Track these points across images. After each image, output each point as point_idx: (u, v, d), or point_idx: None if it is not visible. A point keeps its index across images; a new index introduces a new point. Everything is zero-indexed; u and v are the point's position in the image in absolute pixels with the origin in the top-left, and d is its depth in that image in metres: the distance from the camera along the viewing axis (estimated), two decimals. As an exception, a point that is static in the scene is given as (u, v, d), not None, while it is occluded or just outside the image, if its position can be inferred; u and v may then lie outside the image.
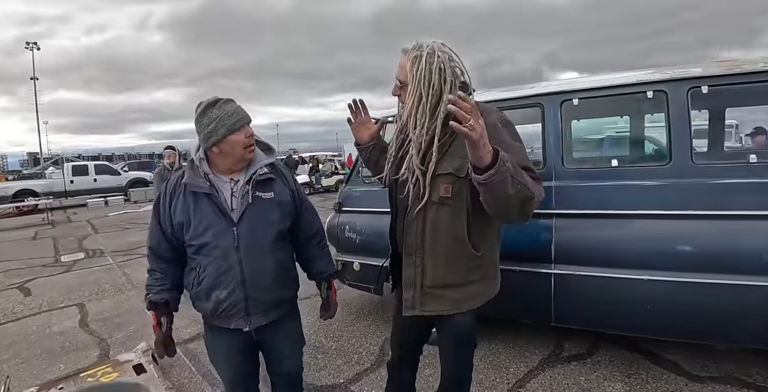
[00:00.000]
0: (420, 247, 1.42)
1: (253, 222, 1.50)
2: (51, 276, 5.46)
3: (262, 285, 1.51)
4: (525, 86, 2.47)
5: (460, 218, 1.37)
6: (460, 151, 1.30)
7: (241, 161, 1.51)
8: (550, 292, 2.28)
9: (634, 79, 2.20)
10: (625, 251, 2.12)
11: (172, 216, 1.51)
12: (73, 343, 3.28)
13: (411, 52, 1.34)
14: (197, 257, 1.50)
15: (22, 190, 14.70)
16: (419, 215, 1.40)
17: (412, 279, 1.44)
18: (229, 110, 1.45)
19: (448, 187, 1.34)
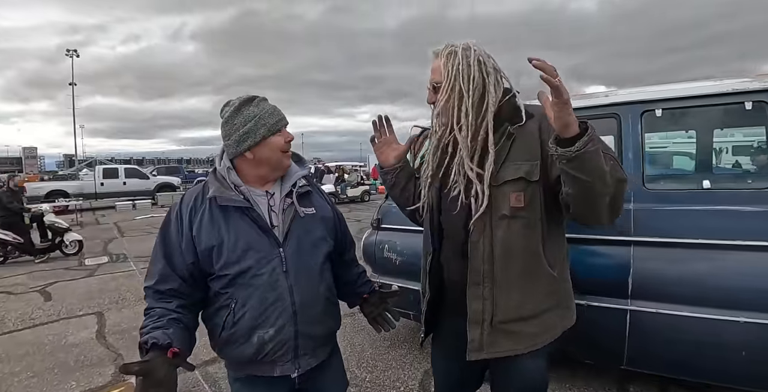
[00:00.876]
0: (489, 274, 1.19)
1: (301, 240, 1.26)
2: (73, 280, 5.38)
3: (313, 317, 1.25)
4: (598, 94, 2.19)
5: (534, 232, 1.18)
6: (523, 154, 1.18)
7: (277, 169, 1.28)
8: (624, 331, 1.97)
9: (728, 87, 1.90)
10: (718, 288, 1.80)
11: (195, 241, 1.20)
12: (88, 357, 3.10)
13: (444, 50, 1.20)
14: (230, 290, 1.20)
15: (54, 190, 15.02)
16: (485, 234, 1.18)
17: (479, 314, 1.20)
18: (269, 108, 1.24)
19: (519, 195, 1.16)
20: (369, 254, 2.80)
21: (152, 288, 1.20)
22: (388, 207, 2.86)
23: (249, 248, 1.19)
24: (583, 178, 0.98)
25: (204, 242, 1.19)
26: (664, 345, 1.91)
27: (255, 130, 1.20)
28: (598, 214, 1.07)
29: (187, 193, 1.30)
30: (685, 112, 2.04)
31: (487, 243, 1.18)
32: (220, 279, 1.21)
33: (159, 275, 1.20)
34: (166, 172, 21.10)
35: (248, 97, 1.24)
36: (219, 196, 1.20)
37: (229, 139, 1.23)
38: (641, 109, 2.02)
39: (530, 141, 1.17)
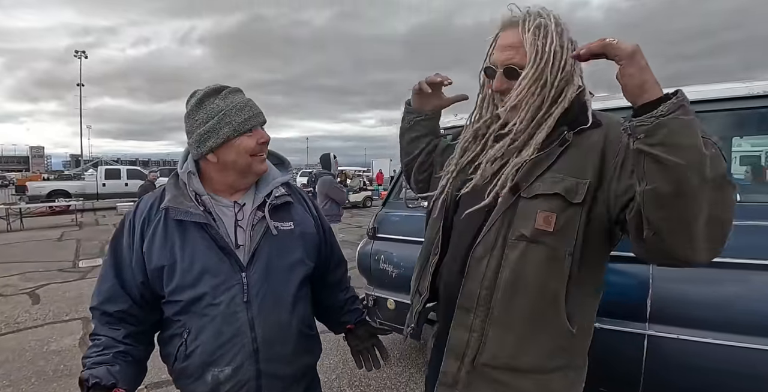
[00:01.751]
0: (485, 302, 0.94)
1: (270, 264, 1.06)
2: (64, 283, 5.25)
3: (281, 355, 1.06)
4: (615, 95, 2.03)
5: (559, 267, 0.90)
6: (572, 167, 0.91)
7: (246, 176, 1.08)
8: (641, 358, 1.79)
9: (759, 90, 1.76)
10: (746, 312, 1.62)
11: (145, 258, 1.02)
12: (68, 367, 2.96)
13: (529, 22, 0.92)
14: (183, 318, 1.03)
15: (55, 190, 14.98)
16: (493, 253, 0.94)
17: (462, 347, 0.96)
18: (238, 103, 1.03)
19: (550, 216, 0.89)
20: (364, 265, 2.63)
21: (99, 310, 1.04)
22: (386, 215, 2.70)
23: (205, 271, 1.01)
24: (671, 161, 0.67)
25: (154, 260, 1.02)
26: (685, 373, 1.73)
27: (217, 128, 1.00)
28: (690, 237, 0.72)
29: (143, 201, 1.11)
30: (711, 115, 1.88)
31: (493, 264, 0.94)
32: (171, 304, 1.04)
33: (107, 294, 1.04)
34: (168, 174, 21.05)
35: (215, 86, 1.05)
36: (173, 207, 1.01)
37: (190, 138, 1.04)
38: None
39: (587, 153, 0.92)
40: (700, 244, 0.73)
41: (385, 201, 2.81)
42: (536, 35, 0.91)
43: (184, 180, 1.06)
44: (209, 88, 1.04)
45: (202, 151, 1.03)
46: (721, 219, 0.72)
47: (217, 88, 1.04)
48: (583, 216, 0.90)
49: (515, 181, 0.94)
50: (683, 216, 0.70)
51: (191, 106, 1.03)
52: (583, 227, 0.90)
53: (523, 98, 0.93)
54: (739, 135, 3.04)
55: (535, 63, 0.91)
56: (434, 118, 1.27)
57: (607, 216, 0.90)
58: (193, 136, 1.03)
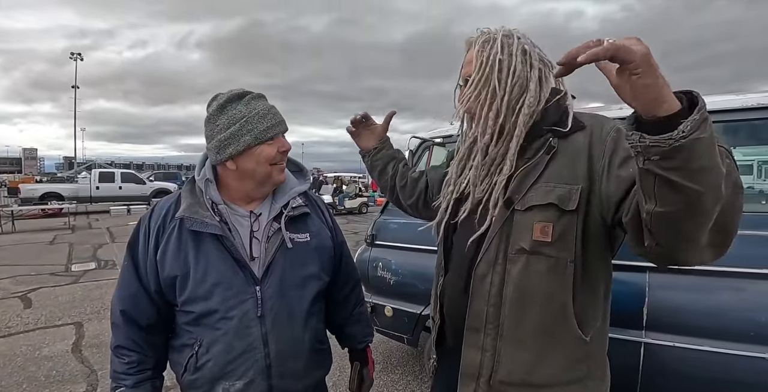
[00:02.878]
0: (494, 320, 0.93)
1: (285, 277, 1.04)
2: (56, 287, 5.18)
3: (293, 371, 1.05)
4: (612, 107, 2.06)
5: (562, 276, 0.90)
6: (563, 174, 0.91)
7: (264, 185, 1.06)
8: (638, 366, 1.80)
9: (753, 102, 1.80)
10: (742, 320, 1.63)
11: (159, 266, 1.01)
12: (60, 372, 2.91)
13: (479, 38, 0.98)
14: (194, 329, 1.01)
15: (48, 192, 14.84)
16: (495, 269, 0.93)
17: (475, 368, 0.95)
18: (261, 109, 1.00)
19: (546, 226, 0.89)
20: (362, 272, 2.63)
21: (124, 316, 1.03)
22: (384, 222, 2.71)
23: (218, 284, 0.99)
24: (689, 187, 0.60)
25: (167, 269, 1.00)
26: (681, 381, 1.74)
27: (239, 135, 0.98)
28: (695, 245, 0.69)
29: (158, 205, 1.08)
30: (724, 126, 1.91)
31: (497, 280, 0.93)
32: (183, 314, 1.03)
33: (134, 300, 1.03)
34: (163, 178, 20.92)
35: (239, 91, 1.02)
36: (189, 217, 0.99)
37: (209, 143, 1.02)
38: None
39: (575, 158, 0.91)
40: (705, 251, 0.71)
41: (383, 208, 2.82)
42: (483, 47, 0.96)
43: (201, 187, 1.04)
44: (232, 93, 1.02)
45: (221, 158, 1.01)
46: (728, 227, 0.68)
47: (240, 93, 1.02)
48: (579, 222, 0.89)
49: (507, 195, 0.94)
50: (691, 234, 0.67)
51: (212, 110, 1.01)
52: (581, 233, 0.90)
53: (471, 104, 0.97)
54: (732, 145, 3.08)
55: (480, 69, 0.95)
56: (383, 147, 1.34)
57: (602, 220, 0.89)
58: (213, 142, 1.01)
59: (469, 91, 0.96)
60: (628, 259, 1.82)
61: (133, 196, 16.17)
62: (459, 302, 1.01)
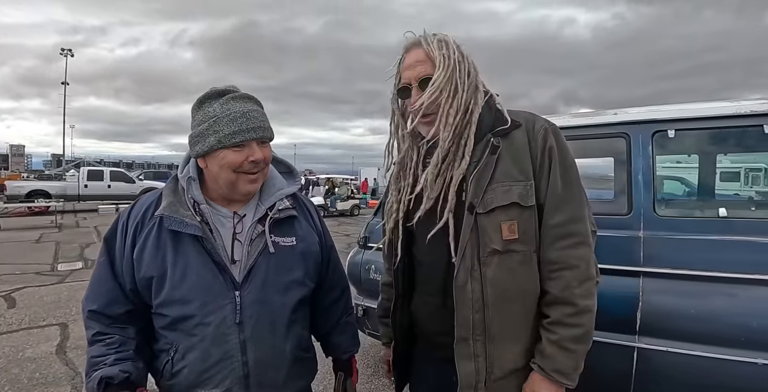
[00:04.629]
0: (480, 324, 0.95)
1: (266, 283, 0.99)
2: (42, 287, 5.08)
3: (273, 381, 1.01)
4: (606, 112, 2.06)
5: (530, 267, 0.98)
6: (513, 172, 0.97)
7: (232, 193, 1.00)
8: (631, 371, 1.80)
9: (746, 109, 1.79)
10: (735, 326, 1.64)
11: (135, 264, 0.96)
12: (44, 375, 2.84)
13: (431, 38, 1.01)
14: (170, 334, 0.97)
15: (35, 190, 14.62)
16: (472, 276, 0.95)
17: (472, 376, 0.96)
18: (235, 111, 0.94)
19: (512, 224, 0.95)
20: (354, 274, 2.61)
21: (100, 313, 0.98)
22: (376, 224, 2.69)
23: (196, 288, 0.94)
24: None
25: (144, 269, 0.96)
26: (673, 386, 1.74)
27: (205, 135, 0.94)
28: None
29: (139, 202, 1.05)
30: (698, 133, 1.92)
31: (476, 286, 0.95)
32: (158, 317, 0.98)
33: (108, 296, 0.98)
34: (153, 177, 20.70)
35: (221, 89, 0.98)
36: (168, 216, 0.94)
37: (189, 135, 0.99)
38: (653, 129, 1.89)
39: (520, 156, 0.98)
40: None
41: (376, 210, 2.80)
42: (441, 47, 0.99)
43: (183, 185, 1.00)
44: (214, 89, 0.98)
45: (192, 153, 0.99)
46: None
47: (221, 90, 0.98)
48: (536, 214, 0.98)
49: (468, 201, 0.96)
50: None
51: (194, 104, 0.99)
52: (538, 224, 0.98)
53: (433, 103, 0.98)
54: (723, 152, 3.11)
55: (444, 67, 0.97)
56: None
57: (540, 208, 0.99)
58: (189, 135, 0.99)
59: (436, 87, 0.97)
60: (621, 264, 1.83)
61: (122, 195, 15.96)
62: (436, 317, 1.04)
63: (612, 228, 1.83)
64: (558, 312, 0.95)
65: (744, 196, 4.41)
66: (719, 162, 4.53)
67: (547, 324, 0.96)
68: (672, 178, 5.58)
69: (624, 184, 1.92)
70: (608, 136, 2.01)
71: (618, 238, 1.83)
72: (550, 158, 0.97)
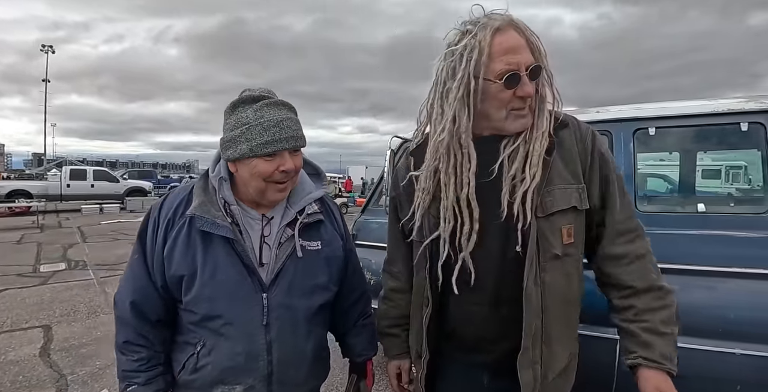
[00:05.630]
0: (537, 330, 0.93)
1: (293, 286, 1.00)
2: (24, 288, 4.98)
3: (294, 379, 1.04)
4: (589, 110, 2.10)
5: (579, 271, 1.00)
6: (567, 174, 0.94)
7: (261, 200, 1.01)
8: (614, 362, 1.83)
9: (724, 107, 1.83)
10: (713, 317, 1.69)
11: (166, 262, 0.97)
12: (27, 378, 2.80)
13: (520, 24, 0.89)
14: (199, 330, 0.99)
15: (16, 190, 14.30)
16: (537, 281, 0.92)
17: (531, 385, 0.93)
18: (269, 120, 0.92)
19: (570, 228, 0.93)
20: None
21: (134, 307, 0.99)
22: (365, 222, 2.70)
23: (225, 289, 0.96)
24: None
25: (174, 267, 0.97)
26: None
27: (237, 142, 0.93)
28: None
29: (169, 198, 1.04)
30: (678, 131, 1.96)
31: (539, 292, 0.92)
32: (188, 313, 0.99)
33: (142, 293, 1.00)
34: (138, 176, 20.41)
35: (257, 94, 0.96)
36: (200, 216, 0.94)
37: (221, 138, 0.98)
38: (634, 127, 1.93)
39: (570, 157, 0.94)
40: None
41: (363, 207, 2.81)
42: (532, 34, 0.90)
43: (215, 185, 0.99)
44: (249, 94, 0.97)
45: (224, 157, 0.99)
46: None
47: (256, 96, 0.96)
48: (585, 218, 0.98)
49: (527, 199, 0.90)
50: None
51: (228, 107, 0.97)
52: (586, 228, 0.99)
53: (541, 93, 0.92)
54: (703, 149, 3.19)
55: (544, 57, 0.90)
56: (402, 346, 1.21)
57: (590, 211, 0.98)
58: (221, 139, 0.98)
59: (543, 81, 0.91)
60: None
61: (105, 195, 15.70)
62: (484, 325, 0.98)
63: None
64: (643, 300, 0.94)
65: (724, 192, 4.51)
66: (700, 160, 4.64)
67: (633, 316, 0.95)
68: (654, 175, 5.70)
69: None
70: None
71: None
72: (601, 162, 0.96)
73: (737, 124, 1.80)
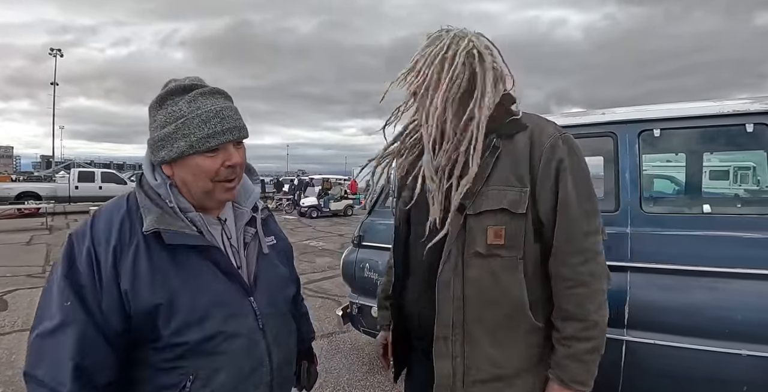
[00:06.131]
0: (458, 324, 0.96)
1: (270, 284, 0.97)
2: (33, 289, 5.05)
3: (287, 378, 1.02)
4: (594, 112, 2.11)
5: (515, 274, 0.96)
6: (509, 176, 0.95)
7: (206, 200, 0.90)
8: (620, 364, 1.84)
9: (729, 109, 1.84)
10: (719, 318, 1.69)
11: (129, 298, 0.79)
12: (38, 376, 2.83)
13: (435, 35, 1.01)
14: (185, 363, 0.83)
15: (25, 192, 14.45)
16: (456, 274, 0.96)
17: (449, 378, 0.98)
18: (207, 111, 0.83)
19: (499, 230, 0.93)
20: (348, 273, 2.64)
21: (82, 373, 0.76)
22: (371, 223, 2.72)
23: (215, 302, 0.85)
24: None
25: (144, 299, 0.79)
26: (661, 378, 1.79)
27: (173, 139, 0.82)
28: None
29: (99, 224, 0.84)
30: (683, 132, 1.97)
31: (458, 285, 0.96)
32: (167, 350, 0.82)
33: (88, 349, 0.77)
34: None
35: (187, 83, 0.85)
36: (166, 230, 0.81)
37: (149, 138, 0.86)
38: (639, 129, 1.94)
39: (519, 160, 0.95)
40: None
41: (370, 209, 2.83)
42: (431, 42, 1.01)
43: (161, 193, 0.87)
44: (178, 84, 0.85)
45: (156, 160, 0.87)
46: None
47: (188, 85, 0.85)
48: (528, 223, 0.95)
49: (460, 201, 0.96)
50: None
51: (153, 102, 0.86)
52: (530, 233, 0.96)
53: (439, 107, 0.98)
54: (709, 151, 3.18)
55: (424, 64, 1.00)
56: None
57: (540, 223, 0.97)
58: (149, 139, 0.86)
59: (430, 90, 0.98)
60: (610, 260, 1.87)
61: (113, 196, 15.70)
62: (420, 312, 1.06)
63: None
64: (572, 328, 0.95)
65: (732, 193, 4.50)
66: (707, 160, 4.62)
67: (561, 338, 0.97)
68: (660, 176, 5.68)
69: (612, 181, 1.97)
70: (596, 136, 2.06)
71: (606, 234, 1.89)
72: (558, 170, 0.94)
73: (743, 125, 1.81)
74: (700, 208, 1.94)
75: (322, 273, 6.34)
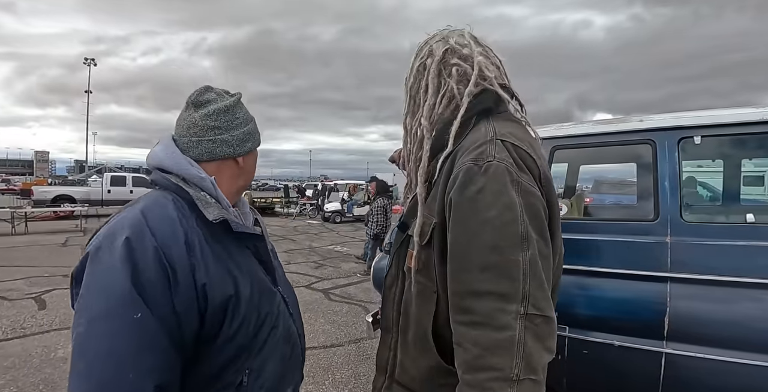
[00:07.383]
0: (395, 324, 0.97)
1: (280, 275, 1.05)
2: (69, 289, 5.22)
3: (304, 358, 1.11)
4: (631, 118, 2.07)
5: (427, 304, 0.86)
6: (432, 204, 0.87)
7: (235, 196, 1.00)
8: (659, 377, 1.79)
9: None
10: (764, 331, 1.63)
11: (207, 293, 0.78)
12: (76, 373, 2.93)
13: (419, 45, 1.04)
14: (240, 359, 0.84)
15: (61, 195, 15.02)
16: (397, 283, 0.99)
17: (384, 361, 1.01)
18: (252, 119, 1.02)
19: (416, 255, 0.88)
20: (379, 280, 2.64)
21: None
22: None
23: (262, 292, 0.91)
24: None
25: (219, 292, 0.79)
26: None
27: (254, 133, 0.98)
28: None
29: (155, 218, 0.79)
30: (724, 140, 1.92)
31: (397, 292, 0.98)
32: (226, 347, 0.82)
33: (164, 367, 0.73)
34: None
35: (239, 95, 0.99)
36: (232, 220, 0.86)
37: (225, 133, 0.91)
38: (679, 136, 1.90)
39: (441, 188, 0.86)
40: None
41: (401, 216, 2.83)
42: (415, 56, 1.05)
43: (202, 186, 0.88)
44: (240, 94, 0.99)
45: (239, 151, 0.94)
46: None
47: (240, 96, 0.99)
48: (436, 255, 0.84)
49: (402, 220, 1.00)
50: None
51: (231, 102, 0.93)
52: (439, 266, 0.84)
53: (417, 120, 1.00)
54: (748, 157, 3.08)
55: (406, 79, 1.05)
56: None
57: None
58: (230, 133, 0.92)
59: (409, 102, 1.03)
60: (649, 270, 1.83)
61: (143, 200, 16.28)
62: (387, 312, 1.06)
63: (639, 233, 1.85)
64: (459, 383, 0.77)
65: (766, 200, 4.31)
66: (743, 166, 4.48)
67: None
68: (698, 183, 5.50)
69: (650, 190, 1.93)
70: (633, 143, 2.02)
71: (645, 244, 1.84)
72: (453, 208, 0.79)
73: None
74: (742, 217, 1.87)
75: (347, 278, 6.37)
